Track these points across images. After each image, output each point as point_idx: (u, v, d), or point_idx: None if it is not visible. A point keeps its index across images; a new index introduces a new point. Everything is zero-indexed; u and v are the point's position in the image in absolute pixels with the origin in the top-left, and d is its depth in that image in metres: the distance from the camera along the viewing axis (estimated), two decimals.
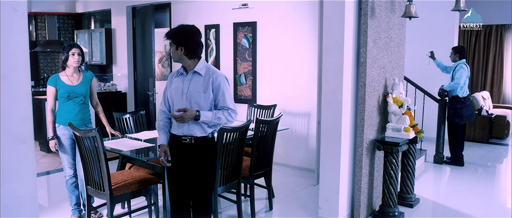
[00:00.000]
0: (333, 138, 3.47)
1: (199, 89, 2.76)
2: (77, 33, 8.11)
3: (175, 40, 2.81)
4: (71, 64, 3.59)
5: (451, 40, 7.09)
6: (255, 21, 5.50)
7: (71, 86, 3.61)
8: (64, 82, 3.60)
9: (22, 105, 1.42)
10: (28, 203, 1.44)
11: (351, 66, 3.47)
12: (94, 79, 3.77)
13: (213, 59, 6.04)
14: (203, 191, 2.83)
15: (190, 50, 2.81)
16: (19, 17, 1.40)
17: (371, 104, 3.59)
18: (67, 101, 3.58)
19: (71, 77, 3.63)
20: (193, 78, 2.81)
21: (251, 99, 5.64)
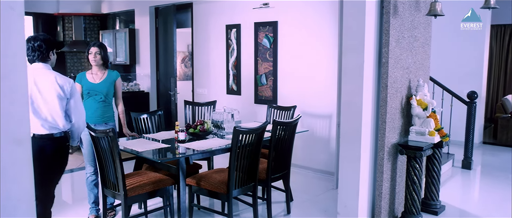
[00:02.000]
0: (352, 141, 3.35)
1: None
2: (102, 33, 8.23)
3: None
4: (91, 62, 3.71)
5: (482, 39, 6.78)
6: (276, 20, 5.41)
7: (92, 84, 3.69)
8: (87, 79, 3.71)
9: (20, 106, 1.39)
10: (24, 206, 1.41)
11: (372, 66, 3.33)
12: (119, 79, 3.78)
13: (234, 60, 5.99)
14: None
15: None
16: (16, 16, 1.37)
17: (393, 107, 3.44)
18: (88, 98, 3.68)
19: (95, 75, 3.73)
20: None
21: (271, 100, 5.55)
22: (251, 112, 5.80)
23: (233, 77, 6.05)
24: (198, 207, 3.69)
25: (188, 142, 3.62)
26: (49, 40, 3.07)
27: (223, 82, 6.19)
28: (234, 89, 6.05)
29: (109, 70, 3.78)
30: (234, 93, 6.06)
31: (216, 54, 6.25)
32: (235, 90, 6.03)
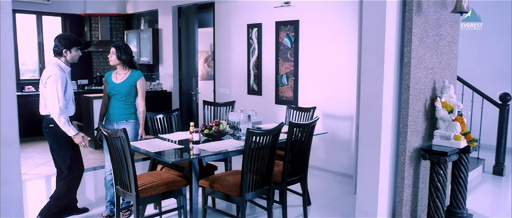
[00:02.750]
0: (372, 145, 3.19)
1: None
2: (127, 33, 8.34)
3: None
4: (110, 62, 3.75)
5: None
6: (297, 19, 5.29)
7: (114, 84, 3.76)
8: (111, 79, 3.80)
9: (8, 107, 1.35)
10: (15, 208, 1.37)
11: (393, 67, 3.17)
12: (141, 80, 3.78)
13: (255, 60, 5.91)
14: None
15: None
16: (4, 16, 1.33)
17: (415, 109, 3.27)
18: (111, 97, 3.77)
19: (117, 75, 3.81)
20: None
21: (292, 101, 5.44)
22: (272, 112, 5.71)
23: (254, 77, 5.97)
24: (212, 209, 3.62)
25: (202, 142, 3.57)
26: (64, 39, 3.50)
27: (244, 83, 6.12)
28: (255, 90, 5.97)
29: (133, 71, 3.79)
30: (255, 93, 5.98)
31: (237, 54, 6.19)
32: (256, 90, 5.95)
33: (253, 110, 4.14)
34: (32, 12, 7.94)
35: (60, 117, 3.39)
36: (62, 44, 3.48)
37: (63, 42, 3.49)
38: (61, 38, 3.52)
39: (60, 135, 3.49)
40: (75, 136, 3.48)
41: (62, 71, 3.46)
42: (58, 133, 3.48)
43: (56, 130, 3.47)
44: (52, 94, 3.38)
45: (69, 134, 3.45)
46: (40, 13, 8.02)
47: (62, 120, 3.40)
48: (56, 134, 3.49)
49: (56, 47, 3.50)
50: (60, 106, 3.37)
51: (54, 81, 3.37)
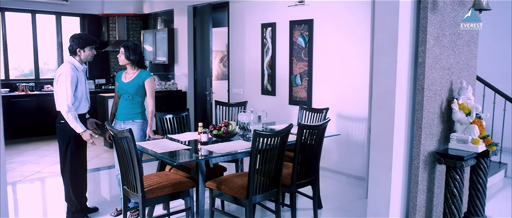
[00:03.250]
0: (384, 148, 3.08)
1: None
2: (143, 33, 8.38)
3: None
4: (119, 62, 3.78)
5: None
6: (311, 18, 5.19)
7: (122, 83, 3.78)
8: (120, 78, 3.83)
9: None
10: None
11: (407, 67, 3.05)
12: (149, 79, 3.76)
13: (269, 59, 5.84)
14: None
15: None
16: None
17: (430, 111, 3.13)
18: (120, 97, 3.79)
19: (127, 74, 3.83)
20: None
21: (306, 102, 5.34)
22: (286, 113, 5.62)
23: (268, 77, 5.90)
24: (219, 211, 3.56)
25: (211, 143, 3.52)
26: (78, 39, 3.56)
27: (258, 83, 6.05)
28: (269, 90, 5.89)
29: (141, 71, 3.78)
30: (268, 93, 5.91)
31: (251, 54, 6.13)
32: (270, 90, 5.88)
33: (264, 110, 4.06)
34: (52, 13, 8.07)
35: (68, 114, 3.42)
36: (76, 44, 3.53)
37: (77, 41, 3.53)
38: (75, 38, 3.56)
39: (67, 133, 3.51)
40: (83, 133, 3.50)
41: (74, 70, 3.48)
42: (66, 131, 3.51)
43: (64, 127, 3.51)
44: (62, 91, 3.42)
45: (78, 130, 3.48)
46: (59, 13, 8.15)
47: (70, 117, 3.43)
48: (64, 131, 3.52)
49: (71, 46, 3.55)
50: (68, 103, 3.41)
51: (64, 79, 3.41)
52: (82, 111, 3.59)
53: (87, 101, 3.65)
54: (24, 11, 7.77)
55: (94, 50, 3.62)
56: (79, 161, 3.61)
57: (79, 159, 3.61)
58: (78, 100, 3.51)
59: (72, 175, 3.59)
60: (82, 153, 3.66)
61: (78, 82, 3.49)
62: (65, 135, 3.53)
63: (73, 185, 3.61)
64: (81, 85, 3.53)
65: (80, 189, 3.68)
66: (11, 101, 7.03)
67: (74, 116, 3.45)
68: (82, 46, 3.52)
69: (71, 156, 3.56)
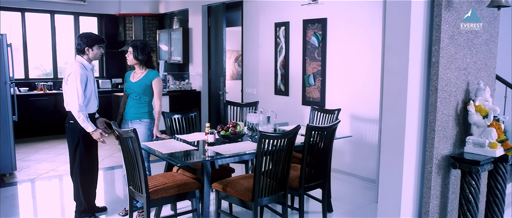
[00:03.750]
0: (394, 151, 2.95)
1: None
2: (159, 32, 8.42)
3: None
4: (127, 62, 3.79)
5: None
6: (325, 17, 5.08)
7: (130, 83, 3.79)
8: (129, 78, 3.84)
9: None
10: None
11: (419, 67, 2.92)
12: (156, 79, 3.75)
13: (282, 59, 5.75)
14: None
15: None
16: None
17: (445, 113, 2.99)
18: (128, 96, 3.79)
19: (135, 74, 3.84)
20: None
21: (319, 102, 5.23)
22: (299, 114, 5.52)
23: (281, 77, 5.81)
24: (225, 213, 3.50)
25: (218, 144, 3.47)
26: (86, 38, 3.57)
27: (272, 83, 5.98)
28: (282, 90, 5.81)
29: (149, 70, 3.77)
30: (282, 94, 5.83)
31: (265, 53, 6.05)
32: (283, 90, 5.79)
33: (273, 111, 3.99)
34: (70, 13, 8.19)
35: (79, 114, 3.42)
36: (84, 43, 3.53)
37: (85, 40, 3.53)
38: (83, 37, 3.57)
39: (77, 133, 3.52)
40: (93, 132, 3.51)
41: (83, 69, 3.49)
42: (75, 130, 3.51)
43: (74, 127, 3.52)
44: (72, 91, 3.42)
45: (88, 130, 3.48)
46: (77, 14, 8.26)
47: (81, 116, 3.43)
48: (73, 131, 3.53)
49: (79, 46, 3.55)
50: (80, 103, 3.42)
51: (74, 78, 3.42)
52: (92, 110, 3.60)
53: (96, 100, 3.65)
54: (44, 11, 7.91)
55: (102, 49, 3.62)
56: (88, 161, 3.61)
57: (88, 159, 3.61)
58: (87, 99, 3.51)
59: (81, 175, 3.59)
60: (91, 153, 3.66)
61: (88, 81, 3.50)
62: (74, 135, 3.54)
63: (82, 185, 3.61)
64: (90, 84, 3.53)
65: (89, 189, 3.68)
66: (30, 100, 7.16)
67: (85, 115, 3.45)
68: (90, 45, 3.52)
69: (80, 156, 3.57)
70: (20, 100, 6.86)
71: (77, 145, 3.55)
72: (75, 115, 3.44)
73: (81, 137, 3.53)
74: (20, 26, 7.72)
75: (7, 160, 5.02)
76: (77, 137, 3.53)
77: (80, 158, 3.56)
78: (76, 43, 3.57)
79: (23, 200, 4.52)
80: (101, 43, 3.59)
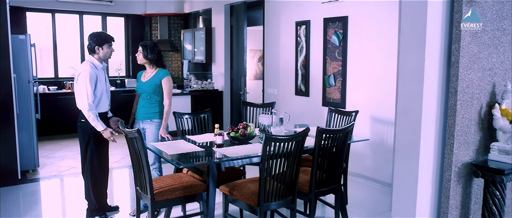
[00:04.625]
0: (409, 157, 2.76)
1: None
2: (183, 32, 8.44)
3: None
4: (138, 61, 3.76)
5: None
6: (346, 15, 4.89)
7: (140, 82, 3.80)
8: (140, 77, 3.84)
9: None
10: None
11: (437, 67, 2.71)
12: (166, 78, 3.72)
13: (303, 59, 5.60)
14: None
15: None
16: None
17: (466, 117, 2.76)
18: (139, 96, 3.79)
19: (146, 73, 3.84)
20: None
21: (339, 103, 5.05)
22: (320, 115, 5.36)
23: (301, 77, 5.66)
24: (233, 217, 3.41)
25: (227, 146, 3.38)
26: (96, 37, 3.56)
27: (292, 83, 5.84)
28: (302, 91, 5.66)
29: (160, 69, 3.75)
30: (302, 94, 5.67)
31: (285, 53, 5.92)
32: (303, 91, 5.64)
33: (287, 112, 3.86)
34: (98, 14, 8.36)
35: (89, 113, 3.43)
36: (95, 42, 3.54)
37: (95, 39, 3.53)
38: (94, 36, 3.57)
39: (87, 132, 3.53)
40: (103, 131, 3.51)
41: (93, 68, 3.49)
42: (86, 129, 3.53)
43: (85, 126, 3.53)
44: (82, 90, 3.43)
45: (98, 129, 3.49)
46: (105, 14, 8.42)
47: (91, 115, 3.44)
48: (84, 130, 3.55)
49: (90, 45, 3.57)
50: (89, 102, 3.43)
51: (83, 78, 3.43)
52: (103, 110, 3.60)
53: (107, 99, 3.65)
54: (73, 12, 8.11)
55: (113, 48, 3.62)
56: (98, 160, 3.61)
57: (99, 158, 3.61)
58: (97, 99, 3.52)
59: (92, 174, 3.60)
60: (102, 152, 3.67)
61: (98, 80, 3.50)
62: (85, 134, 3.55)
63: (93, 184, 3.62)
64: (100, 84, 3.53)
65: (99, 189, 3.68)
66: (58, 99, 7.35)
67: (95, 114, 3.46)
68: (100, 44, 3.52)
69: (91, 154, 3.58)
70: (48, 98, 7.07)
71: (88, 143, 3.56)
72: (85, 114, 3.46)
73: (92, 136, 3.54)
74: (50, 26, 7.95)
75: (30, 157, 5.15)
76: (88, 135, 3.54)
77: (90, 157, 3.57)
78: (87, 42, 3.59)
79: (43, 196, 4.61)
80: (111, 42, 3.59)
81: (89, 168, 3.59)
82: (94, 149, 3.57)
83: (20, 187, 4.69)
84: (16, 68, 4.87)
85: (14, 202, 4.27)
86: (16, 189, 4.61)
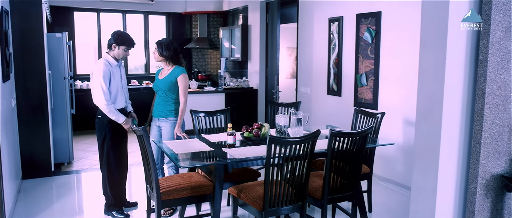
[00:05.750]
0: (427, 165, 2.50)
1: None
2: (221, 30, 8.44)
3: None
4: (154, 59, 3.75)
5: None
6: (379, 11, 4.58)
7: (157, 80, 3.79)
8: (157, 75, 3.82)
9: None
10: None
11: (462, 66, 2.42)
12: (182, 76, 3.68)
13: (335, 57, 5.35)
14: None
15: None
16: None
17: (496, 123, 2.44)
18: (156, 93, 3.79)
19: (163, 71, 3.80)
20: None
21: (371, 104, 4.76)
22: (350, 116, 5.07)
23: (334, 76, 5.41)
24: None
25: (238, 146, 3.27)
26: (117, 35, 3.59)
27: (324, 82, 5.60)
28: (334, 90, 5.41)
29: (176, 67, 3.72)
30: (334, 94, 5.43)
31: (318, 51, 5.70)
32: (336, 90, 5.39)
33: (306, 113, 3.67)
34: (140, 12, 8.58)
35: (107, 107, 3.49)
36: (114, 39, 3.58)
37: (115, 37, 3.57)
38: (116, 34, 3.61)
39: (103, 128, 3.58)
40: (124, 123, 3.57)
41: (107, 66, 3.52)
42: (102, 125, 3.57)
43: (101, 122, 3.58)
44: (96, 87, 3.49)
45: (119, 121, 3.54)
46: (147, 12, 8.63)
47: (109, 109, 3.48)
48: (101, 126, 3.60)
49: (109, 40, 3.61)
50: (106, 98, 3.46)
51: (97, 74, 3.47)
52: (119, 106, 3.62)
53: (123, 96, 3.67)
54: (116, 11, 8.38)
55: (128, 52, 3.62)
56: (115, 156, 3.65)
57: (115, 154, 3.64)
58: (113, 95, 3.55)
59: (108, 170, 3.65)
60: (119, 148, 3.70)
61: (112, 77, 3.53)
62: (101, 130, 3.60)
63: (109, 180, 3.67)
64: (114, 81, 3.55)
65: (117, 185, 3.72)
66: None
67: (112, 108, 3.50)
68: (118, 43, 3.54)
69: (107, 150, 3.62)
70: (89, 94, 7.34)
71: (104, 139, 3.60)
72: (103, 110, 3.50)
73: (108, 132, 3.58)
74: (95, 25, 8.27)
75: (65, 150, 5.36)
76: (104, 132, 3.58)
77: (107, 152, 3.62)
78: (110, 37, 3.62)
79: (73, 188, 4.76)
80: (129, 46, 3.59)
81: (106, 163, 3.63)
82: (110, 145, 3.61)
83: (53, 178, 4.89)
84: (52, 65, 5.08)
85: (45, 192, 4.45)
86: (49, 181, 4.81)
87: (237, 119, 6.82)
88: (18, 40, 4.52)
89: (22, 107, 4.64)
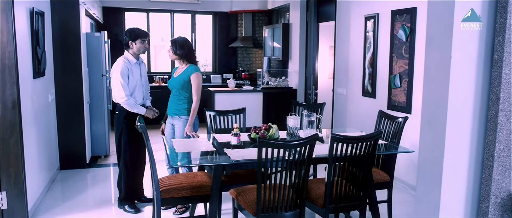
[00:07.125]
0: (431, 179, 2.23)
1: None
2: (265, 28, 8.35)
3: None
4: (169, 57, 3.76)
5: None
6: (414, 7, 4.23)
7: (172, 78, 3.83)
8: (173, 73, 3.84)
9: None
10: None
11: (474, 66, 2.13)
12: (195, 74, 3.68)
13: (370, 56, 5.04)
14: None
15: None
16: None
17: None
18: (171, 91, 3.83)
19: (178, 69, 3.82)
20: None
21: (405, 107, 4.42)
22: None
23: (368, 76, 5.10)
24: None
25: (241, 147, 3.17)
26: (130, 32, 3.66)
27: (359, 82, 5.31)
28: (369, 91, 5.10)
29: (190, 65, 3.72)
30: (369, 95, 5.12)
31: (354, 50, 5.41)
32: (370, 92, 5.08)
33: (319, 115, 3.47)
34: (187, 12, 8.76)
35: (127, 102, 3.58)
36: (128, 37, 3.65)
37: (129, 34, 3.64)
38: (128, 31, 3.69)
39: (120, 124, 3.67)
40: (146, 114, 3.68)
41: (126, 63, 3.60)
42: (119, 121, 3.67)
43: (119, 117, 3.68)
44: (116, 84, 3.58)
45: (141, 113, 3.64)
46: (193, 12, 8.79)
47: (129, 103, 3.58)
48: (118, 121, 3.69)
49: (124, 40, 3.69)
50: (126, 92, 3.54)
51: (115, 72, 3.56)
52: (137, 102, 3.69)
53: (141, 94, 3.73)
54: (165, 11, 8.63)
55: (146, 44, 3.67)
56: (131, 152, 3.72)
57: (130, 151, 3.71)
58: (130, 92, 3.62)
59: (124, 165, 3.73)
60: (135, 144, 3.76)
61: (130, 74, 3.60)
62: (119, 125, 3.69)
63: (125, 175, 3.75)
64: (133, 78, 3.62)
65: (131, 180, 3.79)
66: None
67: (132, 102, 3.59)
68: (134, 39, 3.61)
69: (124, 145, 3.70)
70: None
71: (120, 134, 3.69)
72: (123, 104, 3.59)
73: (124, 128, 3.65)
74: (145, 24, 8.59)
75: (102, 144, 5.60)
76: (121, 127, 3.67)
77: (124, 148, 3.70)
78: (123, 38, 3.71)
79: (107, 180, 4.95)
80: (144, 37, 3.64)
81: (122, 158, 3.72)
82: (126, 141, 3.69)
83: (88, 170, 5.13)
84: (90, 62, 5.32)
85: (78, 183, 4.67)
86: (83, 172, 5.05)
87: (275, 118, 6.70)
88: (57, 39, 4.80)
89: (60, 102, 4.92)
